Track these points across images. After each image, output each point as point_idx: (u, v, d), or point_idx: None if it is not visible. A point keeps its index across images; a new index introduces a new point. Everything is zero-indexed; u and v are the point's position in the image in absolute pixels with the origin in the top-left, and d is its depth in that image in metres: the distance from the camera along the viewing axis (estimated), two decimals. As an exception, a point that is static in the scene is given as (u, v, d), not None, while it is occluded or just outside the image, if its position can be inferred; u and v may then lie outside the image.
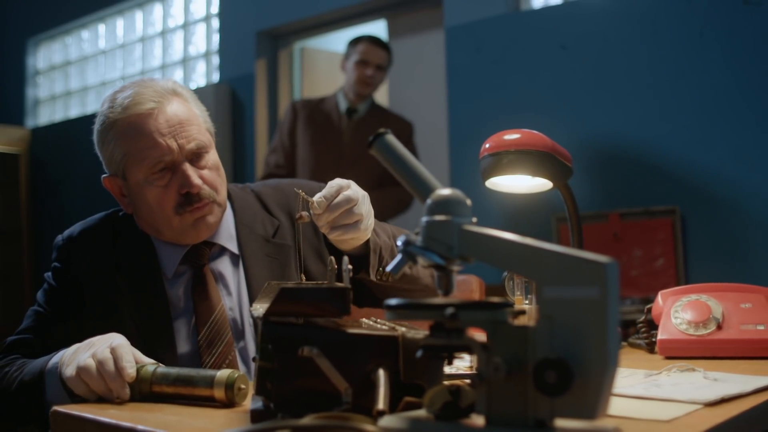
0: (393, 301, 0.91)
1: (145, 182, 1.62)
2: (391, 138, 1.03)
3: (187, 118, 1.64)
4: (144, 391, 1.30)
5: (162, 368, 1.31)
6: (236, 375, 1.25)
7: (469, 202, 0.95)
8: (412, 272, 1.69)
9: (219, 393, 1.23)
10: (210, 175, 1.66)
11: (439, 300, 0.91)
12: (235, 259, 1.73)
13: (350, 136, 4.22)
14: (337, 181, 1.48)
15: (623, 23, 3.80)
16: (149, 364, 1.33)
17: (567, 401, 0.83)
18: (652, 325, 1.81)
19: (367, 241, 1.56)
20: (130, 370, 1.29)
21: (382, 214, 4.05)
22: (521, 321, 0.93)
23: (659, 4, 3.70)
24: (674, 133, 3.61)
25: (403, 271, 0.97)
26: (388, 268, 0.98)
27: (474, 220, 0.95)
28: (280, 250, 1.74)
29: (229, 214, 1.77)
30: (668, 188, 3.61)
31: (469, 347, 0.90)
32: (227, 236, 1.74)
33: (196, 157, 1.64)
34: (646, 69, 3.71)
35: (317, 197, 1.44)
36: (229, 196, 1.79)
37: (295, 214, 1.75)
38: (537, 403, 0.85)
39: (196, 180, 1.61)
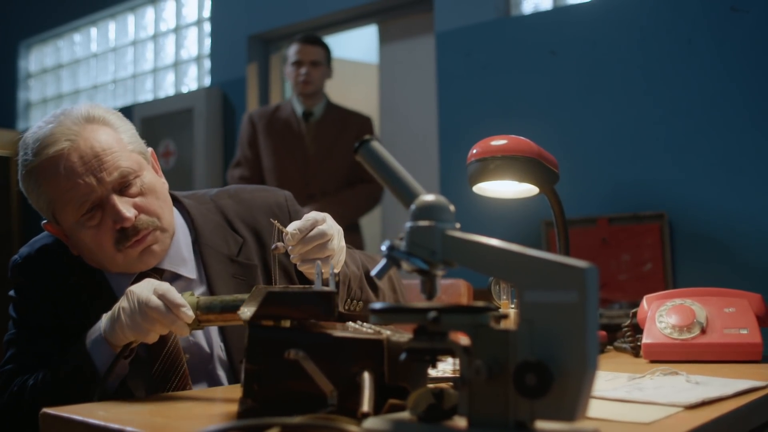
0: (377, 305, 0.93)
1: (77, 225, 1.53)
2: (376, 144, 1.04)
3: (104, 149, 1.52)
4: (191, 324, 1.34)
5: (204, 298, 1.35)
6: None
7: (452, 207, 0.97)
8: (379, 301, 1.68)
9: None
10: (145, 201, 1.56)
11: (423, 304, 0.92)
12: (188, 284, 1.63)
13: (312, 139, 4.23)
14: (313, 214, 1.45)
15: (612, 30, 3.83)
16: (188, 294, 1.35)
17: (547, 403, 0.85)
18: (638, 329, 1.83)
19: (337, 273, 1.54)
20: (189, 313, 1.31)
21: (354, 212, 4.09)
22: (505, 325, 0.94)
23: (648, 10, 3.73)
24: (662, 138, 3.64)
25: (387, 274, 0.98)
26: (373, 273, 0.99)
27: (457, 225, 0.96)
28: (246, 270, 1.67)
29: (183, 234, 1.67)
30: (656, 193, 3.64)
31: (451, 350, 0.92)
32: (178, 260, 1.63)
33: (124, 186, 1.54)
34: (635, 75, 3.74)
35: (291, 228, 1.41)
36: (185, 212, 1.70)
37: (260, 230, 1.71)
38: (517, 405, 0.87)
39: (127, 213, 1.51)
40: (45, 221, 1.61)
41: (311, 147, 4.22)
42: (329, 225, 1.46)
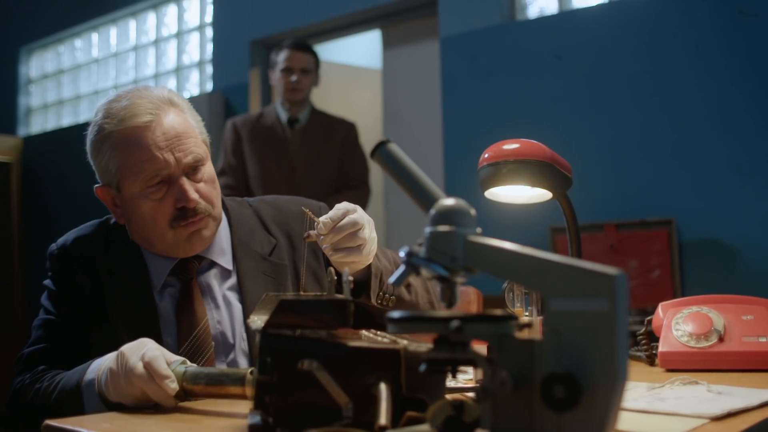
0: (396, 314, 0.89)
1: (140, 195, 1.59)
2: (394, 146, 1.01)
3: (185, 131, 1.61)
4: (177, 395, 1.29)
5: (191, 369, 1.29)
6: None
7: (473, 212, 0.93)
8: (411, 299, 1.68)
9: (250, 391, 1.20)
10: (206, 188, 1.64)
11: (443, 313, 0.89)
12: (225, 274, 1.70)
13: (297, 146, 4.20)
14: (344, 204, 1.48)
15: (619, 34, 3.80)
16: (179, 363, 1.31)
17: (575, 417, 0.81)
18: (653, 337, 1.79)
19: (369, 266, 1.56)
20: (172, 385, 1.26)
21: None
22: (525, 334, 0.91)
23: (655, 14, 3.70)
24: (670, 143, 3.60)
25: (406, 281, 0.95)
26: (391, 280, 0.96)
27: (478, 230, 0.93)
28: (277, 269, 1.71)
29: (224, 228, 1.74)
30: (664, 199, 3.60)
31: (473, 361, 0.88)
32: (219, 251, 1.70)
33: (192, 170, 1.61)
34: (642, 80, 3.71)
35: (323, 218, 1.44)
36: (226, 210, 1.77)
37: (293, 235, 1.76)
38: (544, 418, 0.83)
39: (193, 194, 1.59)
40: (98, 185, 1.67)
41: (297, 154, 4.18)
42: (360, 215, 1.48)
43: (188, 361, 1.32)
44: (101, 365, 1.38)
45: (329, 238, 1.44)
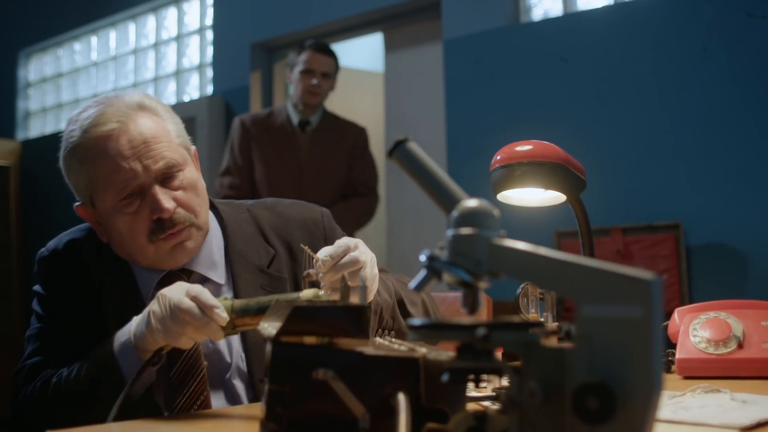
0: (418, 321, 0.85)
1: (113, 210, 1.51)
2: (413, 145, 0.96)
3: (153, 136, 1.51)
4: (225, 328, 1.27)
5: (238, 301, 1.27)
6: (320, 294, 1.22)
7: (497, 213, 0.89)
8: None
9: None
10: (185, 196, 1.54)
11: (467, 320, 0.84)
12: (216, 288, 1.60)
13: (307, 149, 4.12)
14: (345, 240, 1.41)
15: (624, 36, 3.76)
16: (222, 297, 1.29)
17: (609, 429, 0.77)
18: (669, 344, 1.75)
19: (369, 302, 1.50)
20: (223, 314, 1.24)
21: (348, 226, 3.97)
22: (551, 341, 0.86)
23: (661, 16, 3.66)
24: (677, 146, 3.57)
25: (427, 286, 0.90)
26: (411, 285, 0.91)
27: (503, 232, 0.89)
28: (275, 282, 1.63)
29: (216, 238, 1.65)
30: (671, 203, 3.56)
31: (498, 370, 0.84)
32: (208, 263, 1.61)
33: (166, 177, 1.52)
34: (648, 82, 3.67)
35: (323, 255, 1.36)
36: (219, 216, 1.69)
37: (293, 245, 1.68)
38: (575, 431, 0.79)
39: (166, 204, 1.49)
40: (78, 203, 1.59)
41: (306, 157, 4.10)
42: (362, 251, 1.40)
43: (233, 298, 1.30)
44: (130, 328, 1.36)
45: (329, 277, 1.36)
